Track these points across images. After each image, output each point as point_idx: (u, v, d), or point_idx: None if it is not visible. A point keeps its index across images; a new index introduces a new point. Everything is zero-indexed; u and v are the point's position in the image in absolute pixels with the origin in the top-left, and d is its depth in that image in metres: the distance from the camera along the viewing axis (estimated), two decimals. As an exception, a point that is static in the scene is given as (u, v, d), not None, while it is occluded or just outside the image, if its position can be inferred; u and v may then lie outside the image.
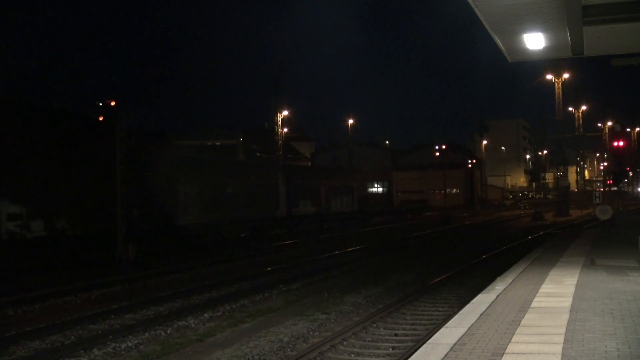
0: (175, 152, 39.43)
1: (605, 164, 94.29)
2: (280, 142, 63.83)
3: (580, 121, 77.77)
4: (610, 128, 78.51)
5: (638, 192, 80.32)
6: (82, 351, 11.57)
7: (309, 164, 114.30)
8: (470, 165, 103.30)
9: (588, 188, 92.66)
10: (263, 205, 41.34)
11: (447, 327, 9.26)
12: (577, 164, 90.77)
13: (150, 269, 23.15)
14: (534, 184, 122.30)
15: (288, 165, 46.04)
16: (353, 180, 60.38)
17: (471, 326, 9.12)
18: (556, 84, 67.29)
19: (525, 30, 12.96)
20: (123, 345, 11.98)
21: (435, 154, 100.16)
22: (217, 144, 78.73)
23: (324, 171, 58.46)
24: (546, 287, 12.67)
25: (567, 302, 10.78)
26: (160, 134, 56.04)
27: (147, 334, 12.86)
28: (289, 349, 11.53)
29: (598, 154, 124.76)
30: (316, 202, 49.59)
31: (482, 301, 11.27)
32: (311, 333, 12.80)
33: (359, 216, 54.78)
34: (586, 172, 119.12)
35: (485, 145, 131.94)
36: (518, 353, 7.53)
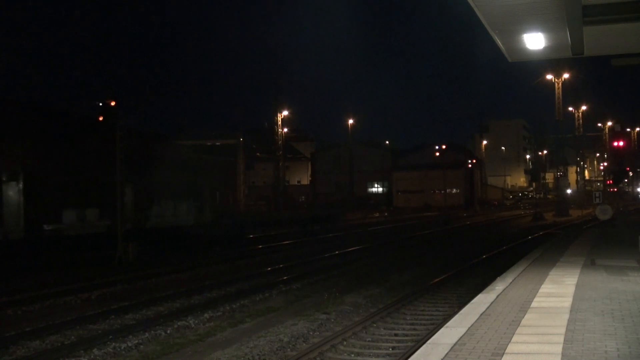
0: None
1: (605, 164, 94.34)
2: (280, 142, 63.89)
3: (580, 121, 77.81)
4: (610, 128, 78.60)
5: (638, 192, 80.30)
6: (82, 351, 11.58)
7: (309, 164, 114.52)
8: (470, 165, 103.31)
9: (588, 188, 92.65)
10: None
11: (447, 327, 9.25)
12: (577, 164, 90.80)
13: (150, 269, 23.16)
14: (534, 184, 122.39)
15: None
16: (200, 177, 37.02)
17: (471, 326, 9.12)
18: (556, 84, 67.31)
19: (525, 30, 12.95)
20: (123, 345, 11.99)
21: (435, 154, 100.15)
22: (217, 144, 78.76)
23: (134, 160, 31.64)
24: (546, 287, 12.66)
25: (567, 302, 10.78)
26: (160, 134, 55.88)
27: (147, 334, 12.87)
28: (289, 349, 11.53)
29: (598, 154, 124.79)
30: (114, 211, 27.46)
31: (482, 301, 11.26)
32: (311, 333, 12.80)
33: (192, 234, 32.52)
34: (586, 172, 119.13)
35: (485, 145, 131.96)
36: (518, 353, 7.53)
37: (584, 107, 77.86)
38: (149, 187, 30.74)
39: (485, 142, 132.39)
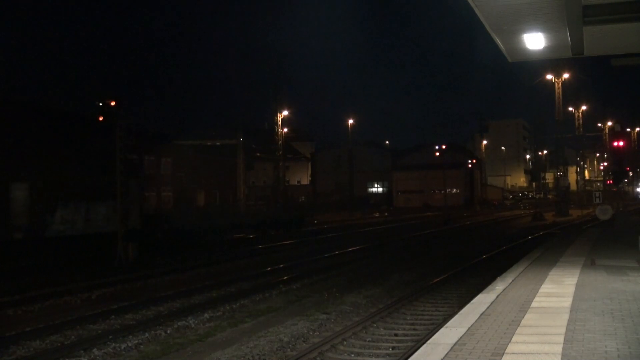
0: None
1: (605, 164, 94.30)
2: (280, 142, 63.79)
3: (580, 121, 77.70)
4: (610, 128, 78.44)
5: (638, 192, 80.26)
6: (82, 351, 11.59)
7: (309, 164, 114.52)
8: (470, 165, 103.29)
9: (588, 188, 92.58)
10: None
11: (447, 327, 9.25)
12: (577, 164, 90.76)
13: (150, 269, 23.15)
14: (534, 184, 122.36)
15: None
16: (134, 177, 28.78)
17: (471, 326, 9.11)
18: (556, 84, 67.22)
19: (525, 30, 12.95)
20: (123, 345, 11.99)
21: (435, 154, 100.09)
22: (217, 144, 78.73)
23: (27, 148, 25.96)
24: (546, 287, 12.66)
25: (567, 302, 10.78)
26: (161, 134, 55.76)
27: (147, 334, 12.87)
28: (289, 349, 11.53)
29: (598, 154, 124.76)
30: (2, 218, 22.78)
31: (482, 301, 11.26)
32: (311, 333, 12.80)
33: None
34: (586, 172, 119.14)
35: (485, 145, 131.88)
36: (518, 353, 7.53)
37: (584, 107, 77.77)
38: (52, 184, 24.13)
39: (485, 142, 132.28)
